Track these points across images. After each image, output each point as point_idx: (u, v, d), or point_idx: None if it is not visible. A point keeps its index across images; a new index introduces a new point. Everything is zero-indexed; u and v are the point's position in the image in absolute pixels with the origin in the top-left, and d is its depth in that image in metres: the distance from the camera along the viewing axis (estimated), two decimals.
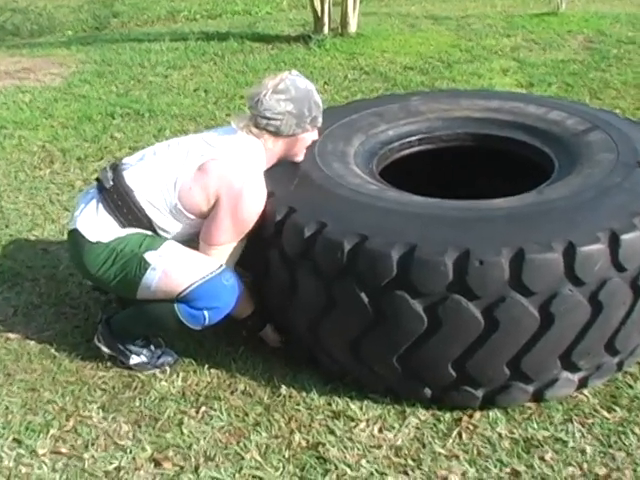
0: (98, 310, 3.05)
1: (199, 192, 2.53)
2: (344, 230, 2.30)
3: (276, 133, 2.60)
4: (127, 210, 2.57)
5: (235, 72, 6.38)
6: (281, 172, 2.65)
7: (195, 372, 2.73)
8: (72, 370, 2.77)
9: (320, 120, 2.69)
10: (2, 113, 5.56)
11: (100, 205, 2.60)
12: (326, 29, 7.27)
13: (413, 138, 3.08)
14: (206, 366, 2.75)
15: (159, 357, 2.76)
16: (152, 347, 2.78)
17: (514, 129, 3.03)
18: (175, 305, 2.55)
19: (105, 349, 2.76)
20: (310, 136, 2.69)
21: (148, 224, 2.59)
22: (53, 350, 2.88)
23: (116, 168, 2.65)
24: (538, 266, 2.14)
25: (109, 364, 2.78)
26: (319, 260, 2.34)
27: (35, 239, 3.74)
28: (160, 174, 2.58)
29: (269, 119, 2.57)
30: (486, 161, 3.14)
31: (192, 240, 2.64)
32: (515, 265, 2.14)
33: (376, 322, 2.31)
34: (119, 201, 2.58)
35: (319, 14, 7.25)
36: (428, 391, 2.45)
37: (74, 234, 2.64)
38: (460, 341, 2.27)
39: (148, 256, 2.53)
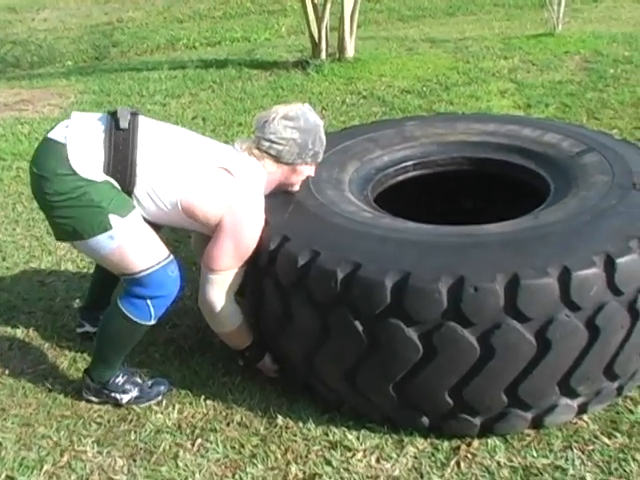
0: (93, 343, 3.03)
1: (202, 203, 2.50)
2: (338, 258, 2.28)
3: (277, 158, 2.60)
4: (120, 158, 2.43)
5: (233, 99, 6.40)
6: (275, 200, 2.64)
7: (191, 403, 2.70)
8: (67, 404, 2.75)
9: (320, 157, 2.70)
10: (1, 145, 5.59)
11: (100, 138, 2.43)
12: (324, 54, 7.30)
13: (408, 163, 3.07)
14: (202, 397, 2.72)
15: (150, 387, 2.73)
16: (138, 380, 2.74)
17: (510, 152, 3.01)
18: (118, 301, 2.54)
19: (94, 399, 2.73)
20: (308, 170, 2.69)
21: (128, 184, 2.46)
22: (48, 384, 2.85)
23: (135, 117, 2.49)
24: (533, 291, 2.12)
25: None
26: (313, 289, 2.33)
27: (32, 271, 3.73)
28: (172, 162, 2.50)
29: (272, 142, 2.58)
30: (482, 185, 3.13)
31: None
32: (510, 291, 2.11)
33: (371, 351, 2.29)
34: (120, 146, 2.43)
35: (316, 40, 7.28)
36: (425, 420, 2.42)
37: (55, 148, 2.43)
38: (456, 369, 2.24)
39: (113, 220, 2.42)
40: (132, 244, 2.47)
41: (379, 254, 2.29)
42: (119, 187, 2.47)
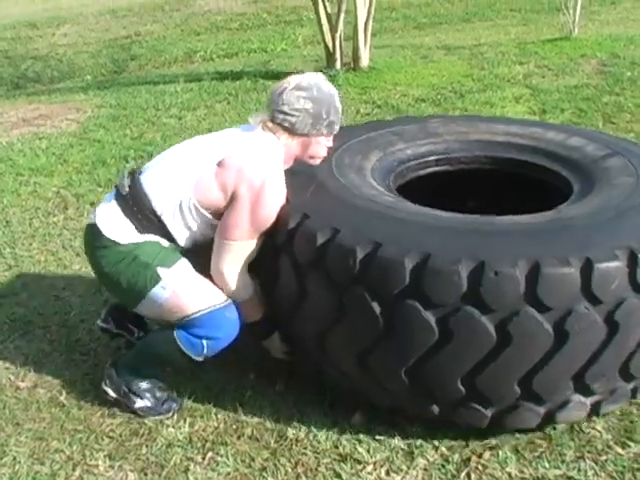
0: (107, 357, 3.04)
1: (217, 188, 2.51)
2: (358, 237, 2.27)
3: (290, 130, 2.57)
4: (142, 216, 2.56)
5: (248, 111, 6.42)
6: (296, 180, 2.62)
7: (202, 417, 2.70)
8: (80, 418, 2.76)
9: (337, 128, 2.65)
10: (19, 160, 5.64)
11: (119, 209, 2.60)
12: (338, 64, 7.32)
13: (431, 158, 3.07)
14: (213, 411, 2.72)
15: (163, 403, 2.74)
16: (157, 393, 2.76)
17: (533, 154, 3.00)
18: (175, 333, 2.56)
19: (111, 392, 2.75)
20: (325, 142, 2.65)
21: (163, 231, 2.58)
22: (62, 398, 2.87)
23: (133, 174, 2.65)
24: (554, 281, 2.10)
25: (117, 412, 2.76)
26: (331, 267, 2.31)
27: (47, 286, 3.75)
28: (177, 173, 2.56)
29: (286, 114, 2.54)
30: (504, 185, 3.13)
31: (205, 249, 2.61)
32: (531, 278, 2.09)
33: (386, 332, 2.26)
34: (134, 207, 2.57)
35: (330, 49, 7.30)
36: (435, 408, 2.39)
37: (92, 229, 2.62)
38: (471, 355, 2.21)
39: (161, 272, 2.52)
40: (184, 289, 2.54)
41: (400, 235, 2.28)
42: (161, 240, 2.58)
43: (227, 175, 2.49)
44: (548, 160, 2.95)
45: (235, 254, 2.54)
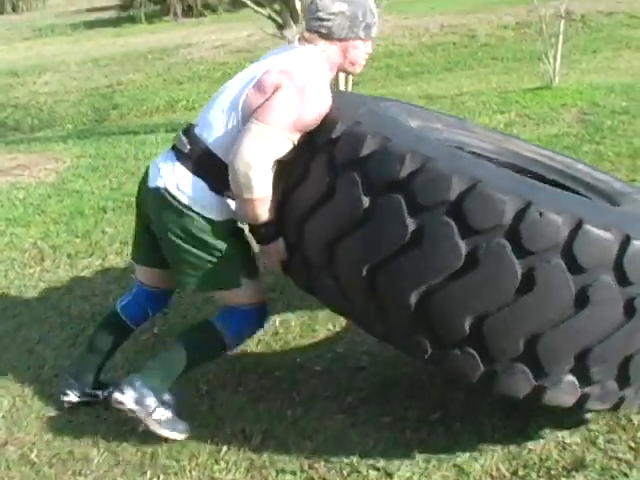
0: (81, 413, 2.98)
1: (260, 95, 2.50)
2: (407, 148, 2.25)
3: (328, 35, 2.57)
4: (211, 169, 2.58)
5: None
6: (347, 101, 2.67)
7: (176, 474, 2.63)
8: (51, 476, 2.69)
9: (374, 31, 2.64)
10: None
11: (185, 169, 2.61)
12: None
13: (465, 149, 3.00)
14: (188, 468, 2.65)
15: (179, 422, 2.76)
16: (174, 410, 2.76)
17: (563, 177, 3.02)
18: (211, 320, 2.80)
19: (128, 402, 2.65)
20: (364, 47, 2.65)
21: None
22: (33, 456, 2.80)
23: (189, 130, 2.66)
24: (592, 241, 2.11)
25: (89, 470, 2.69)
26: (374, 171, 2.29)
27: (21, 339, 3.69)
28: (226, 108, 2.57)
29: (322, 20, 2.55)
30: None
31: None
32: (571, 231, 2.10)
33: (408, 247, 2.21)
34: (199, 162, 2.59)
35: None
36: (428, 346, 2.30)
37: (164, 194, 2.62)
38: (488, 292, 2.16)
39: (243, 281, 2.71)
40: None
41: (450, 157, 2.27)
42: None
43: (269, 78, 2.50)
44: (577, 185, 2.96)
45: (265, 142, 2.45)
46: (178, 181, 2.61)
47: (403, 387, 3.00)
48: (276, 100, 2.46)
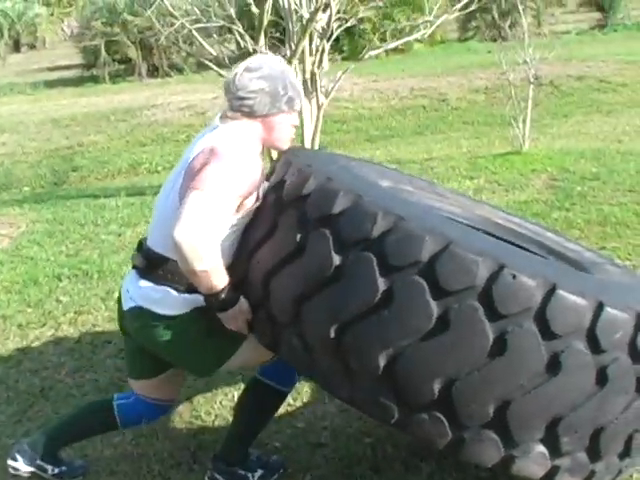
0: None
1: (194, 175, 2.42)
2: (380, 206, 2.23)
3: (250, 113, 2.53)
4: (172, 275, 2.51)
5: None
6: (320, 159, 2.70)
7: None
8: None
9: (298, 103, 2.62)
10: None
11: (150, 283, 2.56)
12: None
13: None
14: None
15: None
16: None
17: (531, 244, 3.01)
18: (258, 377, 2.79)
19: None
20: (288, 119, 2.61)
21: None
22: None
23: (141, 246, 2.64)
24: (566, 306, 2.08)
25: None
26: (344, 227, 2.25)
27: None
28: (163, 204, 2.56)
29: (242, 99, 2.51)
30: None
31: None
32: (544, 295, 2.07)
33: (379, 306, 2.16)
34: (160, 271, 2.53)
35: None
36: (395, 410, 2.23)
37: (140, 311, 2.59)
38: (458, 356, 2.12)
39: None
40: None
41: (426, 218, 2.28)
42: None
43: (196, 160, 2.45)
44: (546, 253, 2.97)
45: (203, 208, 2.34)
46: (147, 296, 2.56)
47: (367, 462, 2.89)
48: (207, 170, 2.40)
